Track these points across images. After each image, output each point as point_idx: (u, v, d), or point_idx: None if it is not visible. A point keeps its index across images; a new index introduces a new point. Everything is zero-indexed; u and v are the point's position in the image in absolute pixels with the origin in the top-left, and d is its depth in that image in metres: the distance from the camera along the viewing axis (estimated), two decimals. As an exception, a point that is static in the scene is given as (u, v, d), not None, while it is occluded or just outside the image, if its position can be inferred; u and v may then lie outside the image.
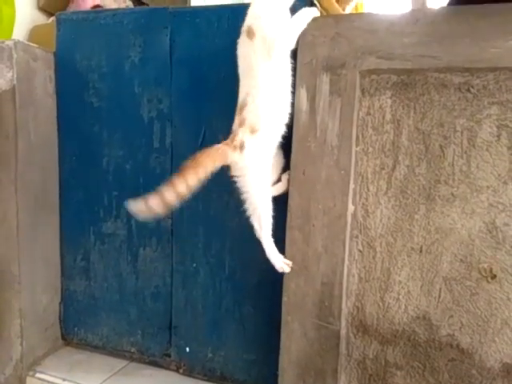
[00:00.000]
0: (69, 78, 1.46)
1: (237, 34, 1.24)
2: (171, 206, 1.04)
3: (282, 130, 1.08)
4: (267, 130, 1.06)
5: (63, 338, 1.59)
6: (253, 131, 1.05)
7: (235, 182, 1.29)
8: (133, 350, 1.49)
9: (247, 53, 1.06)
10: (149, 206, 1.01)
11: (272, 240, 1.09)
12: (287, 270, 1.09)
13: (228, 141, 1.08)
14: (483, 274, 0.96)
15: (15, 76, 1.31)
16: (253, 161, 1.06)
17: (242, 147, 1.06)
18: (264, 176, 1.08)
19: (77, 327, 1.56)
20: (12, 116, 1.33)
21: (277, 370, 1.15)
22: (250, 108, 1.06)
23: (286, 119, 1.07)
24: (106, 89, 1.41)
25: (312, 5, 1.17)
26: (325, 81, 1.02)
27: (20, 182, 1.37)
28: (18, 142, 1.34)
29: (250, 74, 1.06)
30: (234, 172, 1.09)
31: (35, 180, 1.43)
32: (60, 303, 1.56)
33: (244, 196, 1.09)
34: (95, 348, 1.55)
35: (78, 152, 1.48)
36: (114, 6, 1.88)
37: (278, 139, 1.09)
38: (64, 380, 1.40)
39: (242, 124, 1.07)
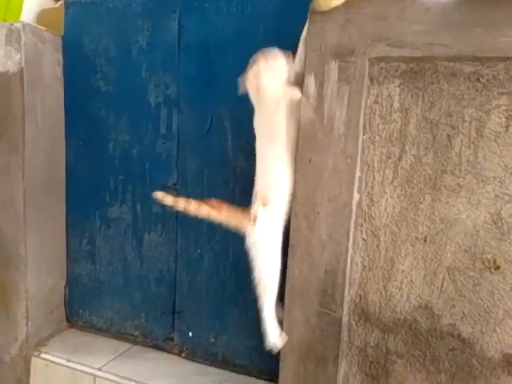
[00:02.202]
0: (76, 62, 1.46)
1: (246, 20, 1.24)
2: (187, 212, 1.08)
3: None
4: (279, 203, 1.05)
5: (68, 320, 1.61)
6: (264, 204, 1.04)
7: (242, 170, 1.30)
8: (136, 333, 1.52)
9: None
10: (174, 201, 1.08)
11: (274, 313, 1.10)
12: (279, 346, 1.09)
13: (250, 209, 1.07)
14: (487, 264, 0.96)
15: (23, 58, 1.31)
16: (263, 235, 1.06)
17: (254, 220, 1.05)
18: (274, 250, 1.08)
19: (81, 310, 1.58)
20: (20, 99, 1.33)
21: (278, 355, 1.16)
22: (260, 179, 1.05)
23: None
24: (114, 73, 1.42)
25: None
26: (333, 68, 1.01)
27: (27, 165, 1.38)
28: (25, 125, 1.35)
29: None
30: (247, 240, 1.10)
31: (42, 163, 1.44)
32: (65, 286, 1.58)
33: (252, 264, 1.09)
34: (99, 330, 1.57)
35: (84, 136, 1.49)
36: (122, -10, 1.86)
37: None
38: (68, 361, 1.42)
39: (256, 195, 1.06)
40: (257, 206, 1.05)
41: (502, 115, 0.93)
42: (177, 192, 1.39)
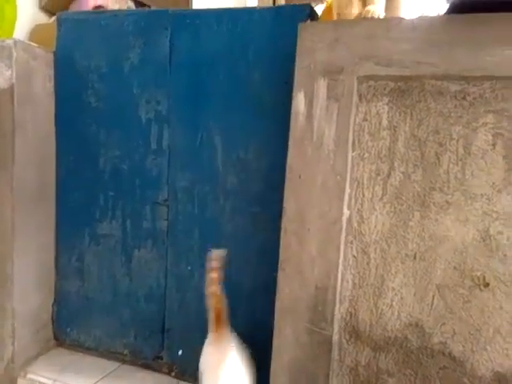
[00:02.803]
0: (68, 78, 1.46)
1: (236, 38, 1.25)
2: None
3: None
4: None
5: (55, 338, 1.58)
6: None
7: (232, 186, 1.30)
8: (125, 352, 1.49)
9: None
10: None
11: None
12: None
13: None
14: (476, 282, 0.96)
15: (14, 75, 1.31)
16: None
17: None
18: None
19: (69, 328, 1.55)
20: (10, 114, 1.32)
21: (269, 374, 1.14)
22: None
23: None
24: (105, 89, 1.42)
25: (312, 14, 1.19)
26: (322, 85, 1.02)
27: (16, 181, 1.36)
28: (15, 141, 1.34)
29: None
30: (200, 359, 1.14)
31: (31, 179, 1.43)
32: (53, 304, 1.56)
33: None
34: (87, 349, 1.54)
35: (75, 152, 1.48)
36: (115, 7, 1.88)
37: None
38: (55, 381, 1.39)
39: None
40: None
41: (489, 133, 0.94)
42: (167, 208, 1.38)
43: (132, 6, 1.97)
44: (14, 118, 1.33)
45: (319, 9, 1.48)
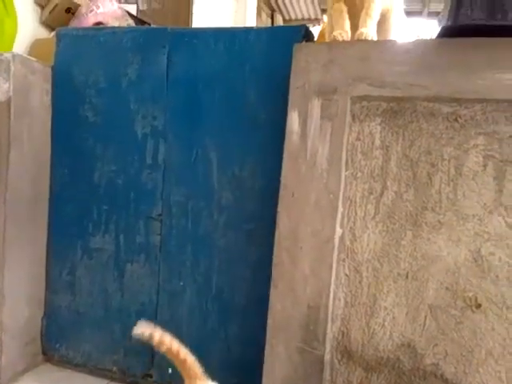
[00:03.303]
0: (66, 92, 1.47)
1: (233, 57, 1.27)
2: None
3: None
4: None
5: (44, 353, 1.55)
6: None
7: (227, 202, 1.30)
8: (114, 369, 1.46)
9: None
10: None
11: None
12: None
13: None
14: (468, 302, 0.96)
15: (12, 88, 1.32)
16: None
17: None
18: None
19: (58, 343, 1.53)
20: (6, 127, 1.33)
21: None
22: None
23: None
24: (102, 104, 1.43)
25: (307, 35, 1.21)
26: (316, 105, 1.04)
27: (10, 192, 1.36)
28: (10, 154, 1.34)
29: None
30: None
31: (25, 192, 1.42)
32: (43, 317, 1.53)
33: None
34: (76, 366, 1.51)
35: (70, 165, 1.48)
36: (115, 24, 1.91)
37: None
38: (42, 398, 1.36)
39: None
40: None
41: (480, 154, 0.95)
42: (161, 223, 1.38)
43: (132, 23, 2.00)
44: (10, 130, 1.33)
45: (316, 30, 1.50)
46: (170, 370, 1.38)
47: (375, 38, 1.10)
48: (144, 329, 0.97)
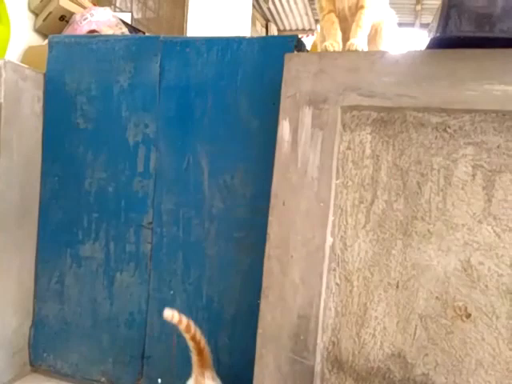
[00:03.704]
0: (57, 99, 1.47)
1: (225, 65, 1.28)
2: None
3: None
4: None
5: (31, 363, 1.52)
6: None
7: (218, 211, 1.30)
8: (103, 379, 1.44)
9: None
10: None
11: None
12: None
13: None
14: (458, 312, 0.96)
15: (2, 94, 1.32)
16: None
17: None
18: None
19: (46, 353, 1.51)
20: (-4, 133, 1.32)
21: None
22: None
23: None
24: (94, 111, 1.43)
25: (299, 45, 1.22)
26: (307, 114, 1.04)
27: (-1, 199, 1.35)
28: (-1, 160, 1.33)
29: None
30: None
31: (14, 199, 1.41)
32: (30, 327, 1.51)
33: None
34: (64, 376, 1.49)
35: (60, 172, 1.47)
36: (109, 32, 1.91)
37: None
38: (28, 410, 1.34)
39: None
40: None
41: (469, 164, 0.96)
42: (151, 231, 1.37)
43: (126, 32, 2.01)
44: (0, 136, 1.32)
45: (309, 41, 1.52)
46: (159, 381, 1.37)
47: (366, 49, 1.11)
48: (173, 313, 1.13)
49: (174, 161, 1.34)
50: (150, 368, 1.39)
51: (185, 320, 1.15)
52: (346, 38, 1.14)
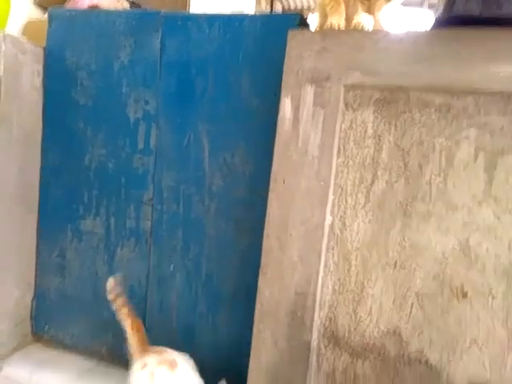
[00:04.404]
0: (57, 74, 1.45)
1: (227, 41, 1.26)
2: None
3: None
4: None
5: (33, 334, 1.56)
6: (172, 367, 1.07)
7: (218, 188, 1.30)
8: (103, 350, 1.47)
9: None
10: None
11: None
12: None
13: None
14: (454, 292, 0.97)
15: (2, 68, 1.30)
16: None
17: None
18: None
19: (48, 325, 1.54)
20: (-4, 108, 1.32)
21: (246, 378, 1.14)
22: None
23: None
24: (94, 87, 1.41)
25: (302, 23, 1.20)
26: (309, 92, 1.03)
27: (-1, 173, 1.35)
28: (-1, 134, 1.33)
29: None
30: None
31: (15, 174, 1.41)
32: (32, 299, 1.54)
33: None
34: (65, 346, 1.52)
35: (60, 148, 1.47)
36: (111, 7, 1.88)
37: None
38: (31, 377, 1.37)
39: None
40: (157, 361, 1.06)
41: (471, 146, 0.95)
42: (151, 207, 1.38)
43: (127, 6, 1.97)
44: (-1, 110, 1.32)
45: (313, 19, 1.48)
46: (158, 353, 1.39)
47: (370, 29, 1.09)
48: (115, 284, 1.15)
49: (175, 138, 1.34)
50: (149, 340, 1.41)
51: (120, 299, 1.15)
52: (349, 17, 1.11)
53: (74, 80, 1.42)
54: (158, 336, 1.41)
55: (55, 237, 1.50)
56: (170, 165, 1.35)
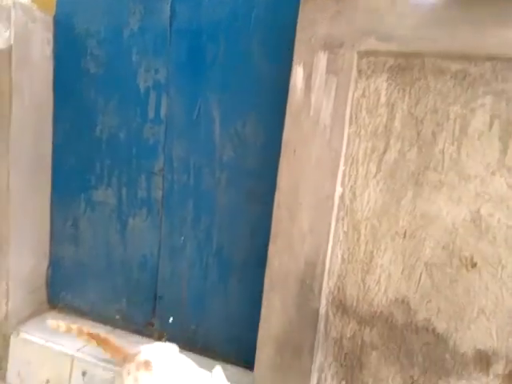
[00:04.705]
0: (67, 42, 1.44)
1: (238, 7, 1.23)
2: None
3: None
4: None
5: (49, 301, 1.61)
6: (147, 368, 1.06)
7: (228, 159, 1.30)
8: (117, 317, 1.52)
9: None
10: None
11: None
12: None
13: None
14: (464, 262, 0.97)
15: (12, 36, 1.30)
16: None
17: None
18: None
19: (63, 292, 1.58)
20: (7, 75, 1.31)
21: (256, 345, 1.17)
22: None
23: None
24: (104, 55, 1.40)
25: None
26: (322, 59, 1.01)
27: (12, 144, 1.36)
28: (12, 103, 1.33)
29: None
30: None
31: (28, 143, 1.43)
32: (48, 267, 1.58)
33: None
34: (80, 313, 1.57)
35: (72, 117, 1.48)
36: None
37: None
38: (47, 341, 1.42)
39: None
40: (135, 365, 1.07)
41: (487, 114, 0.93)
42: (162, 178, 1.39)
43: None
44: (11, 79, 1.32)
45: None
46: (170, 319, 1.44)
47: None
48: (58, 323, 1.21)
49: (186, 107, 1.33)
50: (161, 308, 1.45)
51: (74, 326, 1.20)
52: None
53: (84, 48, 1.41)
54: (170, 305, 1.45)
55: (68, 206, 1.52)
56: (181, 135, 1.35)
